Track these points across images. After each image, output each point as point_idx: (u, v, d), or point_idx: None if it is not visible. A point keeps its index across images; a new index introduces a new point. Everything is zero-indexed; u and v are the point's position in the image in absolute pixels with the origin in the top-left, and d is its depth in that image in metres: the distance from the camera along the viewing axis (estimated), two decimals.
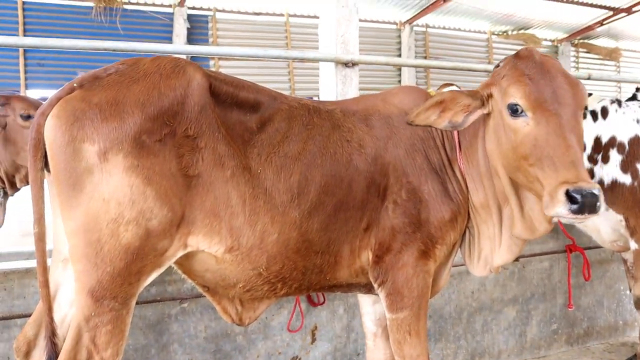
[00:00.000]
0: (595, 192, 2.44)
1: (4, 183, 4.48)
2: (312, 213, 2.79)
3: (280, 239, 2.73)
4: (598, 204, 2.45)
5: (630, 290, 5.00)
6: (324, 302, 4.30)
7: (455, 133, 3.14)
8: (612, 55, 18.13)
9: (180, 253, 2.62)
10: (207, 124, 2.59)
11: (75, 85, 2.51)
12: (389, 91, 3.39)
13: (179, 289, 3.90)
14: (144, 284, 2.55)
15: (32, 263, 3.68)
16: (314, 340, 4.33)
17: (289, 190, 2.74)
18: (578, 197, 2.42)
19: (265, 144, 2.76)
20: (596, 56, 17.95)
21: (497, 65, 2.99)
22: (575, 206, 2.44)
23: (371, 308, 3.49)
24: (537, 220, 2.89)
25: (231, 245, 2.65)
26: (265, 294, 2.92)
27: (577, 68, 17.63)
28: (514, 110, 2.71)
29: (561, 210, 2.47)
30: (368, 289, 3.17)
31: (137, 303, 2.61)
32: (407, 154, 3.05)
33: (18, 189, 4.51)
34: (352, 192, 2.90)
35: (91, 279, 2.40)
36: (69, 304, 2.79)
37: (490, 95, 2.88)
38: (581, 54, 17.81)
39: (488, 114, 2.90)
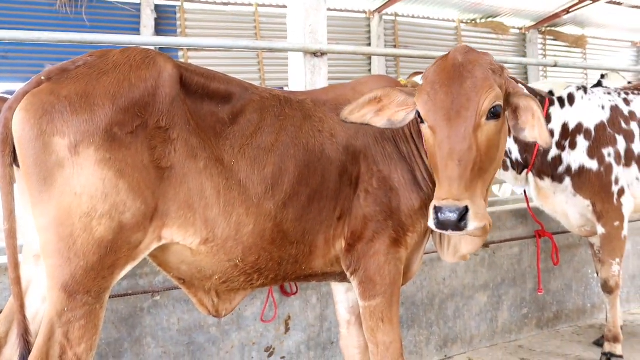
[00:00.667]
0: (453, 209, 2.45)
1: None
2: (287, 204, 2.79)
3: (255, 230, 2.72)
4: (459, 222, 2.46)
5: (598, 274, 5.10)
6: (296, 292, 4.31)
7: None
8: (578, 42, 18.41)
9: (155, 245, 2.59)
10: (179, 115, 2.57)
11: (43, 78, 2.45)
12: (358, 80, 3.40)
13: (150, 282, 3.88)
14: (118, 277, 2.52)
15: (2, 259, 3.63)
16: (287, 330, 4.34)
17: (263, 181, 2.73)
18: (437, 214, 2.49)
19: (237, 135, 2.75)
20: (563, 44, 18.23)
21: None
22: (433, 222, 2.52)
23: (344, 296, 3.51)
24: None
25: (206, 237, 2.63)
26: (241, 285, 2.91)
27: (545, 55, 17.86)
28: (420, 117, 2.73)
29: (429, 223, 2.56)
30: (343, 277, 3.19)
31: (109, 297, 2.58)
32: (377, 143, 3.07)
33: None
34: (326, 181, 2.91)
35: (64, 273, 2.37)
36: (41, 300, 2.76)
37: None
38: (548, 42, 18.06)
39: None
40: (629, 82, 7.73)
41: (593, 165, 4.52)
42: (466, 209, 2.47)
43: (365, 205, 2.99)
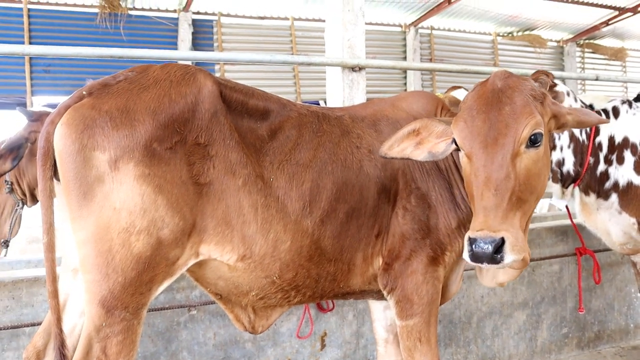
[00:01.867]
0: (487, 241, 2.33)
1: (24, 195, 4.58)
2: (325, 220, 2.77)
3: (292, 247, 2.71)
4: (494, 255, 2.33)
5: None
6: (333, 308, 4.28)
7: None
8: (617, 55, 18.09)
9: (192, 261, 2.59)
10: (218, 131, 2.57)
11: (84, 93, 2.48)
12: (397, 96, 3.37)
13: (187, 297, 3.88)
14: (156, 293, 2.53)
15: (40, 271, 3.68)
16: (323, 346, 4.31)
17: (301, 198, 2.72)
18: (471, 246, 2.36)
19: (276, 151, 2.74)
20: (602, 56, 17.91)
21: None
22: (468, 254, 2.40)
23: (382, 314, 3.46)
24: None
25: (243, 253, 2.63)
26: (278, 301, 2.90)
27: (583, 68, 17.58)
28: (457, 144, 2.64)
29: (465, 255, 2.44)
30: (381, 295, 3.15)
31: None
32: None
33: (37, 202, 4.59)
34: (364, 198, 2.88)
35: (102, 289, 2.37)
36: (78, 313, 2.78)
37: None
38: (587, 54, 17.77)
39: None
40: None
41: None
42: (502, 241, 2.34)
43: (403, 222, 2.95)
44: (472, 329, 4.93)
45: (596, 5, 14.80)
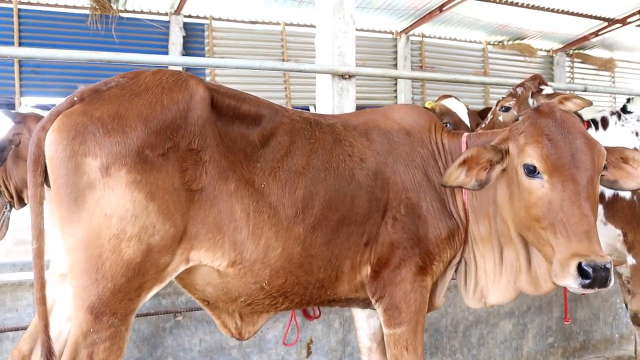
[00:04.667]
0: (608, 266, 2.38)
1: (12, 198, 4.56)
2: (316, 228, 2.77)
3: (283, 254, 2.71)
4: (609, 278, 2.39)
5: (626, 305, 4.97)
6: (319, 316, 4.27)
7: None
8: (606, 65, 18.19)
9: (182, 268, 2.59)
10: (210, 137, 2.57)
11: (75, 99, 2.48)
12: (390, 107, 3.37)
13: (173, 302, 3.86)
14: (144, 299, 2.52)
15: (25, 275, 3.66)
16: (309, 353, 4.30)
17: (293, 204, 2.72)
18: (590, 271, 2.37)
19: (268, 158, 2.75)
20: (591, 66, 18.01)
21: (517, 119, 2.92)
22: (586, 281, 2.40)
23: (365, 322, 3.46)
24: (543, 279, 2.87)
25: (234, 259, 2.62)
26: (266, 308, 2.90)
27: (572, 78, 17.69)
28: (530, 171, 2.65)
29: (571, 282, 2.43)
30: (366, 303, 3.15)
31: None
32: (407, 170, 3.04)
33: (25, 204, 4.57)
34: (355, 207, 2.89)
35: (91, 295, 2.36)
36: (65, 319, 2.76)
37: (507, 151, 2.81)
38: (576, 64, 17.87)
39: (504, 169, 2.84)
40: None
41: (626, 194, 4.41)
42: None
43: (393, 231, 2.95)
44: (458, 338, 4.93)
45: (585, 15, 14.89)
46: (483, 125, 4.94)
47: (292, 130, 2.87)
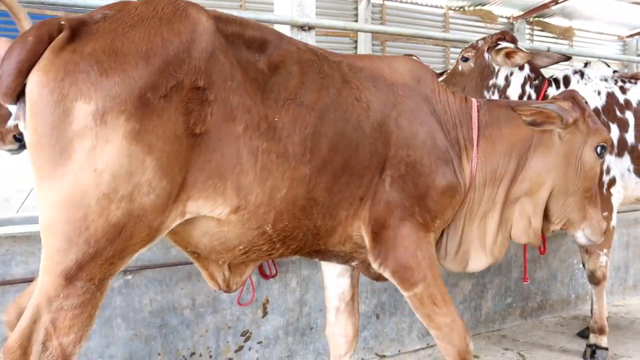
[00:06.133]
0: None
1: None
2: (321, 170, 2.56)
3: (288, 195, 2.49)
4: None
5: (584, 265, 4.99)
6: (276, 275, 4.14)
7: (476, 126, 3.08)
8: (565, 34, 18.37)
9: (177, 222, 2.31)
10: (217, 72, 2.27)
11: (62, 23, 2.08)
12: (394, 58, 3.18)
13: None
14: (129, 261, 2.24)
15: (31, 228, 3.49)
16: (265, 314, 4.17)
17: (302, 142, 2.49)
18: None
19: (280, 88, 2.48)
20: (550, 34, 18.15)
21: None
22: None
23: (335, 281, 3.33)
24: (537, 234, 3.25)
25: (237, 204, 2.38)
26: (262, 255, 2.70)
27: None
28: (602, 152, 3.15)
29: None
30: (346, 259, 3.03)
31: None
32: (411, 125, 2.86)
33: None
34: (358, 155, 2.69)
35: (67, 259, 2.04)
36: None
37: (574, 124, 3.09)
38: (536, 32, 18.00)
39: (558, 136, 3.10)
40: (615, 72, 7.61)
41: None
42: None
43: (391, 190, 2.79)
44: None
45: None
46: (445, 76, 4.85)
47: (300, 61, 2.61)
